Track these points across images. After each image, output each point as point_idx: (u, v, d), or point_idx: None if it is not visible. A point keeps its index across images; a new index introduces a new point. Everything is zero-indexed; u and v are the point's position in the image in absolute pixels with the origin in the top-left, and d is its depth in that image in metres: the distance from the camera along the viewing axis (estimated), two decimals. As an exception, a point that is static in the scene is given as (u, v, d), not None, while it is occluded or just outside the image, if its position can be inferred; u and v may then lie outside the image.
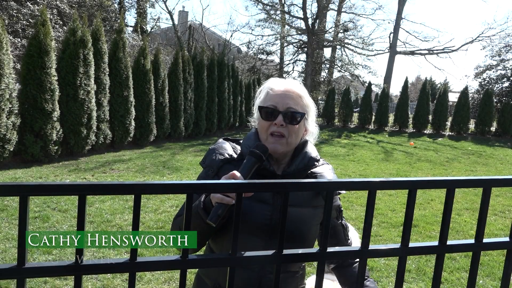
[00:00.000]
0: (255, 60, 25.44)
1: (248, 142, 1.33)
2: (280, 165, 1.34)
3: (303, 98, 1.35)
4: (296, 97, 1.33)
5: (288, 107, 1.30)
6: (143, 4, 19.82)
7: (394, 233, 4.83)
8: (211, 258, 0.78)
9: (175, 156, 9.89)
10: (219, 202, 1.06)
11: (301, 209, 1.29)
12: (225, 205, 1.06)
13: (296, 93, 1.33)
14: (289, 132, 1.29)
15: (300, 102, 1.33)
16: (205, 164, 1.35)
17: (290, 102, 1.31)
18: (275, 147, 1.28)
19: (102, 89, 9.62)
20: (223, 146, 1.37)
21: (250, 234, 1.24)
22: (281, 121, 1.28)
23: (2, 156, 7.40)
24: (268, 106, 1.31)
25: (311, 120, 1.39)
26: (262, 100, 1.35)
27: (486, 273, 3.83)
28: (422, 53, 27.72)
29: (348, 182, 0.82)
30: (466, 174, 9.64)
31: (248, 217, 1.25)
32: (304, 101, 1.35)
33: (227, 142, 1.40)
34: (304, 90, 1.38)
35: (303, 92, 1.36)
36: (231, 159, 1.33)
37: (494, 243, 0.90)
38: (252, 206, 1.27)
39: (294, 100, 1.31)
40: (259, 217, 1.26)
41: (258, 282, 1.27)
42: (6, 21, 11.14)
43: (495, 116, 18.49)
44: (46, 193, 0.68)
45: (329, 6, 25.31)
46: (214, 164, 1.32)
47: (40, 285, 3.26)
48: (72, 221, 4.68)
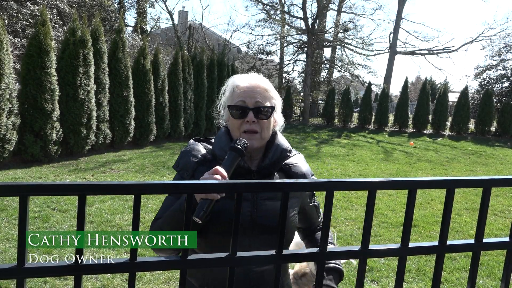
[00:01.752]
0: (255, 60, 25.42)
1: (220, 142, 1.33)
2: (253, 160, 1.34)
3: (269, 91, 1.35)
4: (263, 91, 1.33)
5: (257, 101, 1.30)
6: (143, 4, 19.82)
7: (394, 233, 4.83)
8: (211, 258, 0.78)
9: (175, 156, 9.89)
10: (204, 199, 1.05)
11: (277, 202, 1.28)
12: (210, 200, 1.05)
13: (262, 87, 1.34)
14: (262, 127, 1.30)
15: (267, 95, 1.34)
16: (179, 167, 1.34)
17: (258, 97, 1.31)
18: (251, 144, 1.28)
19: (102, 89, 9.62)
20: (195, 147, 1.36)
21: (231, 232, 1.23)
22: (252, 118, 1.28)
23: (2, 156, 7.40)
24: (237, 104, 1.31)
25: (278, 111, 1.39)
26: (229, 98, 1.35)
27: (486, 273, 3.83)
28: (422, 53, 27.69)
29: (348, 182, 0.82)
30: (466, 174, 9.64)
31: (227, 214, 1.21)
32: (271, 94, 1.36)
33: (199, 143, 1.39)
34: (268, 82, 1.38)
35: (268, 85, 1.36)
36: (205, 160, 1.32)
37: (494, 243, 0.90)
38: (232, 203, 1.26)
39: (261, 95, 1.32)
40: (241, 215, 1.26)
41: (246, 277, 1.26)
42: (6, 21, 11.14)
43: (495, 116, 18.48)
44: (46, 193, 0.68)
45: (329, 6, 25.28)
46: (189, 167, 1.31)
47: (40, 285, 3.26)
48: (72, 221, 4.68)
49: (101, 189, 0.69)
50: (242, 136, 1.29)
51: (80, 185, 0.67)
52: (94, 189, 0.69)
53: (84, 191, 0.67)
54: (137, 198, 0.70)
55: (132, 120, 10.66)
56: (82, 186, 0.67)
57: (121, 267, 0.72)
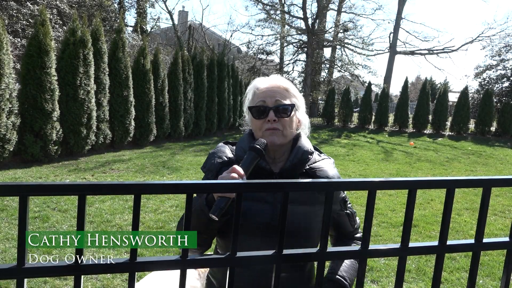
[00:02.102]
0: (255, 60, 25.42)
1: (242, 143, 1.36)
2: (277, 163, 1.36)
3: (289, 90, 1.37)
4: (282, 90, 1.35)
5: (276, 100, 1.32)
6: (143, 4, 19.82)
7: (394, 233, 4.82)
8: (211, 258, 0.78)
9: (175, 156, 9.89)
10: (221, 196, 1.08)
11: (304, 206, 1.30)
12: (227, 198, 1.07)
13: (281, 87, 1.36)
14: (283, 125, 1.31)
15: (287, 94, 1.35)
16: (205, 168, 1.39)
17: (278, 96, 1.33)
18: (272, 139, 1.29)
19: (102, 89, 9.62)
20: (221, 149, 1.40)
21: (252, 234, 1.24)
22: (273, 116, 1.30)
23: (2, 156, 7.40)
24: (258, 104, 1.33)
25: (301, 110, 1.40)
26: (251, 101, 1.38)
27: (486, 273, 3.83)
28: (422, 53, 27.70)
29: (348, 182, 0.82)
30: (466, 174, 9.64)
31: (249, 217, 1.25)
32: (291, 93, 1.37)
33: (226, 146, 1.43)
34: (289, 82, 1.40)
35: (288, 85, 1.38)
36: (229, 161, 1.34)
37: (494, 243, 0.90)
38: (253, 206, 1.28)
39: (281, 94, 1.34)
40: (260, 217, 1.27)
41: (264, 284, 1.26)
42: (6, 21, 11.14)
43: (495, 116, 18.48)
44: (46, 193, 0.68)
45: (329, 6, 25.30)
46: (213, 168, 1.35)
47: (40, 285, 3.26)
48: (72, 221, 4.68)
49: (101, 189, 0.69)
50: (264, 135, 1.31)
51: (80, 185, 0.67)
52: (94, 189, 0.69)
53: (84, 191, 0.67)
54: (137, 198, 0.70)
55: (132, 120, 10.66)
56: (82, 186, 0.67)
57: (121, 267, 0.72)
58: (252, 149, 1.22)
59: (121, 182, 0.68)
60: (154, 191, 0.73)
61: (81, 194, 0.67)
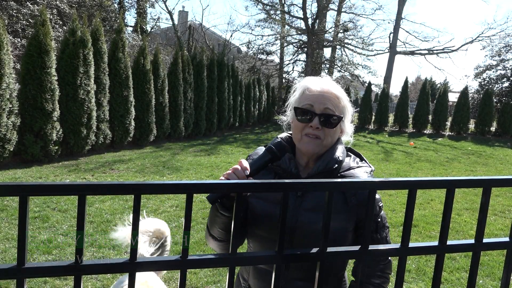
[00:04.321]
0: (255, 60, 25.42)
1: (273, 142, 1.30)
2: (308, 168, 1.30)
3: (341, 100, 1.29)
4: (334, 98, 1.27)
5: (326, 108, 1.24)
6: (143, 4, 19.80)
7: (394, 233, 4.82)
8: (211, 258, 0.78)
9: (175, 156, 9.89)
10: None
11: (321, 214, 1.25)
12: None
13: (334, 94, 1.27)
14: (325, 135, 1.25)
15: (338, 103, 1.28)
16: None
17: (328, 103, 1.25)
18: (308, 147, 1.24)
19: (102, 89, 9.62)
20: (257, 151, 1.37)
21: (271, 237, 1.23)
22: (317, 124, 1.23)
23: (2, 156, 7.40)
24: (304, 107, 1.25)
25: (347, 121, 1.34)
26: (298, 100, 1.30)
27: (486, 273, 3.83)
28: (422, 53, 27.69)
29: (348, 183, 0.82)
30: (466, 174, 9.64)
31: (268, 220, 1.23)
32: (342, 103, 1.29)
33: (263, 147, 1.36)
34: (342, 90, 1.32)
35: (341, 93, 1.30)
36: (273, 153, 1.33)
37: (494, 243, 0.89)
38: (272, 208, 1.25)
39: (331, 102, 1.26)
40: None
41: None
42: (6, 21, 11.14)
43: (495, 116, 18.49)
44: (46, 193, 0.67)
45: (329, 6, 25.28)
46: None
47: (40, 285, 3.26)
48: (72, 221, 4.68)
49: (101, 189, 0.69)
50: (303, 139, 1.25)
51: (80, 185, 0.67)
52: (94, 189, 0.69)
53: (84, 191, 0.67)
54: (137, 198, 0.70)
55: (132, 120, 10.66)
56: (82, 186, 0.67)
57: (121, 267, 0.72)
58: (269, 150, 1.18)
59: (121, 182, 0.68)
60: (154, 191, 0.73)
61: (81, 194, 0.67)
